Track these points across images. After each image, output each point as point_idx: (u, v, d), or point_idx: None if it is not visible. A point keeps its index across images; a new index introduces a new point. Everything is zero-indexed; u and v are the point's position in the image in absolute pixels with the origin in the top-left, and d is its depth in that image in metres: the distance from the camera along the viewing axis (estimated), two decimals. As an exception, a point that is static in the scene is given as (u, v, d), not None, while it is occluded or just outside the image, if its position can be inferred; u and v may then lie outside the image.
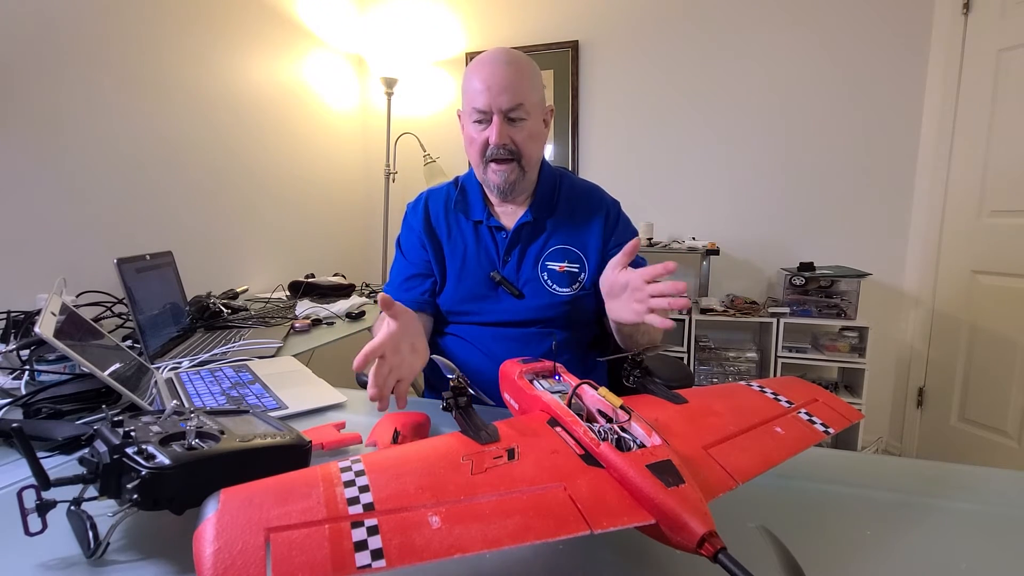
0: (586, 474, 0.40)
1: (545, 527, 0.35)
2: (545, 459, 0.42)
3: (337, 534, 0.31)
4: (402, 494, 0.35)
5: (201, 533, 0.30)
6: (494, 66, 0.91)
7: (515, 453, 0.42)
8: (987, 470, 0.59)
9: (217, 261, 1.91)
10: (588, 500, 0.38)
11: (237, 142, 1.98)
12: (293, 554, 0.30)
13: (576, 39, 2.44)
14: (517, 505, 0.36)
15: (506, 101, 0.89)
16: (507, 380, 0.60)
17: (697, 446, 0.46)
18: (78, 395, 0.75)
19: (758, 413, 0.54)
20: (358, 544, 0.31)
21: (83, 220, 1.44)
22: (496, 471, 0.39)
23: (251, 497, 0.33)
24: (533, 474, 0.39)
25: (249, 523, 0.31)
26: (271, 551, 0.29)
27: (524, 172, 0.96)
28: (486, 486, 0.37)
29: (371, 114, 2.77)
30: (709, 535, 0.35)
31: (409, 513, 0.34)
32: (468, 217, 1.02)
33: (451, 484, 0.37)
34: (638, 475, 0.39)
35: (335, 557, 0.30)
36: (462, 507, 0.35)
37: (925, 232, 2.10)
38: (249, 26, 2.01)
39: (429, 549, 0.32)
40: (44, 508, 0.41)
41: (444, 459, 0.40)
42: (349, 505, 0.33)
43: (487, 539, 0.33)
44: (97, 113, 1.47)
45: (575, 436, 0.45)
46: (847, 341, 2.03)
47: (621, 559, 0.43)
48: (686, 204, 2.40)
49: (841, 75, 2.15)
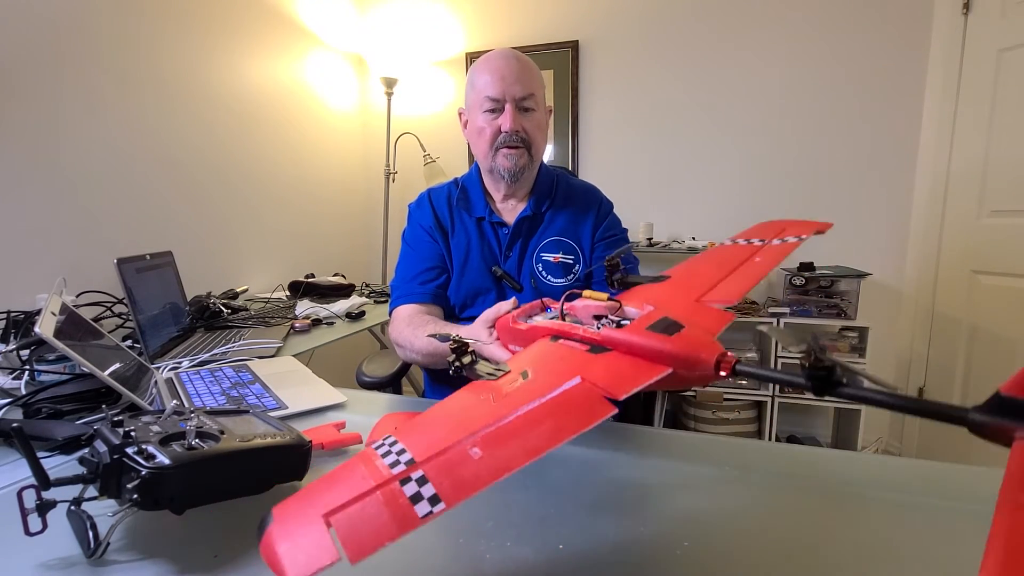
0: (597, 360, 0.42)
1: (576, 422, 0.35)
2: (557, 366, 0.43)
3: (390, 495, 0.31)
4: (437, 442, 0.35)
5: (268, 543, 0.30)
6: (505, 59, 0.96)
7: (528, 373, 0.43)
8: (987, 470, 0.59)
9: (217, 261, 1.91)
10: (606, 378, 0.39)
11: (237, 142, 1.98)
12: (357, 528, 0.30)
13: (576, 39, 2.44)
14: (544, 411, 0.37)
15: (519, 90, 0.95)
16: (506, 332, 0.61)
17: (690, 300, 0.49)
18: (78, 395, 0.75)
19: (736, 258, 0.57)
20: (413, 497, 0.31)
21: (83, 220, 1.44)
22: (516, 392, 0.40)
23: (300, 498, 0.33)
24: (551, 381, 0.40)
25: (306, 517, 0.31)
26: (336, 533, 0.29)
27: (532, 160, 1.00)
28: (511, 406, 0.38)
29: (371, 114, 2.77)
30: (721, 357, 0.38)
31: (450, 453, 0.34)
32: (470, 214, 1.05)
33: (478, 418, 0.37)
34: (642, 337, 0.41)
35: (396, 516, 0.30)
36: (495, 431, 0.35)
37: (925, 232, 2.10)
38: (249, 26, 2.01)
39: (480, 478, 0.32)
40: (44, 508, 0.41)
41: (466, 403, 0.41)
42: (392, 468, 0.34)
43: (527, 451, 0.33)
44: (97, 113, 1.47)
45: (577, 338, 0.46)
46: (847, 341, 2.03)
47: (621, 559, 0.43)
48: (686, 204, 2.40)
49: (841, 75, 2.15)
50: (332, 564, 0.28)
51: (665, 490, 0.54)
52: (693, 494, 0.53)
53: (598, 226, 1.04)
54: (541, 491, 0.53)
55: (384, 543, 0.29)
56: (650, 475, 0.58)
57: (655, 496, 0.53)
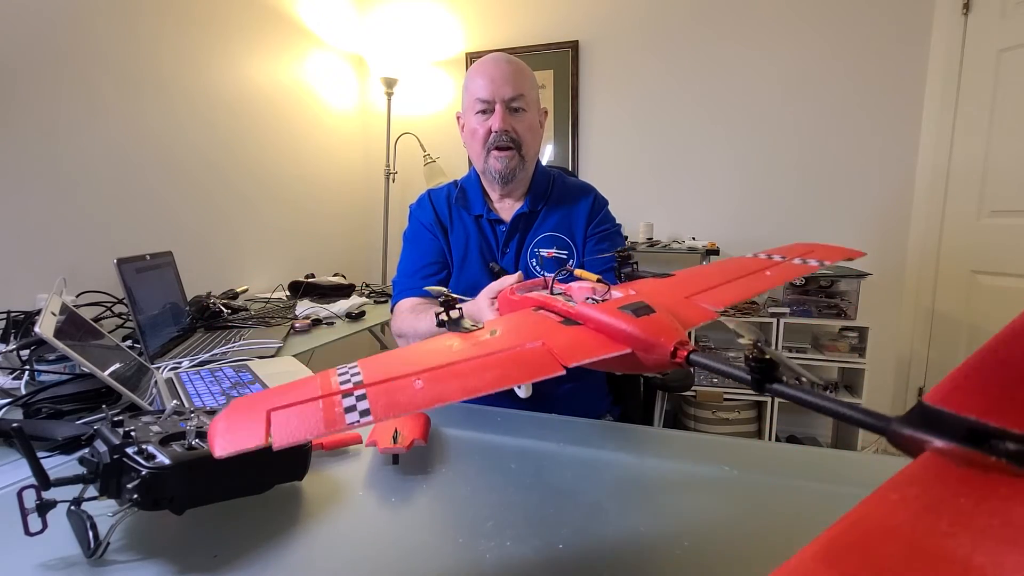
0: (564, 331, 0.43)
1: (520, 373, 0.37)
2: (526, 330, 0.44)
3: (329, 404, 0.34)
4: (390, 372, 0.37)
5: (213, 423, 0.34)
6: (495, 63, 0.98)
7: (496, 331, 0.44)
8: (987, 470, 0.59)
9: (217, 261, 1.91)
10: (563, 346, 0.40)
11: (237, 142, 1.98)
12: (290, 421, 0.33)
13: (576, 39, 2.43)
14: (495, 362, 0.38)
15: (508, 91, 0.96)
16: (505, 303, 0.63)
17: (679, 297, 0.49)
18: (78, 395, 0.75)
19: (747, 268, 0.56)
20: (347, 408, 0.34)
21: (83, 220, 1.44)
22: (478, 344, 0.42)
23: (258, 395, 0.37)
24: (512, 341, 0.42)
25: (253, 410, 0.34)
26: (271, 421, 0.33)
27: (523, 161, 1.02)
28: (467, 354, 0.39)
29: (371, 114, 2.77)
30: (680, 344, 0.38)
31: (396, 382, 0.36)
32: (469, 212, 1.07)
33: (434, 360, 0.39)
34: (609, 315, 0.41)
35: (327, 418, 0.33)
36: (444, 370, 0.37)
37: (925, 232, 2.10)
38: (249, 26, 2.01)
39: (413, 403, 0.34)
40: (44, 508, 0.41)
41: (431, 347, 0.43)
42: (341, 384, 0.36)
43: (466, 389, 0.35)
44: (97, 113, 1.47)
45: (555, 311, 0.47)
46: (847, 341, 2.03)
47: (621, 559, 0.43)
48: (686, 204, 2.40)
49: (841, 75, 2.15)
50: (256, 447, 0.31)
51: (665, 490, 0.54)
52: (693, 494, 0.53)
53: (591, 221, 1.06)
54: (541, 491, 0.53)
55: (305, 437, 0.32)
56: (650, 475, 0.58)
57: (655, 496, 0.53)
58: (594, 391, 1.09)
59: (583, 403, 1.04)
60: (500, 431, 0.69)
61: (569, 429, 0.70)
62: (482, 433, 0.68)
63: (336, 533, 0.46)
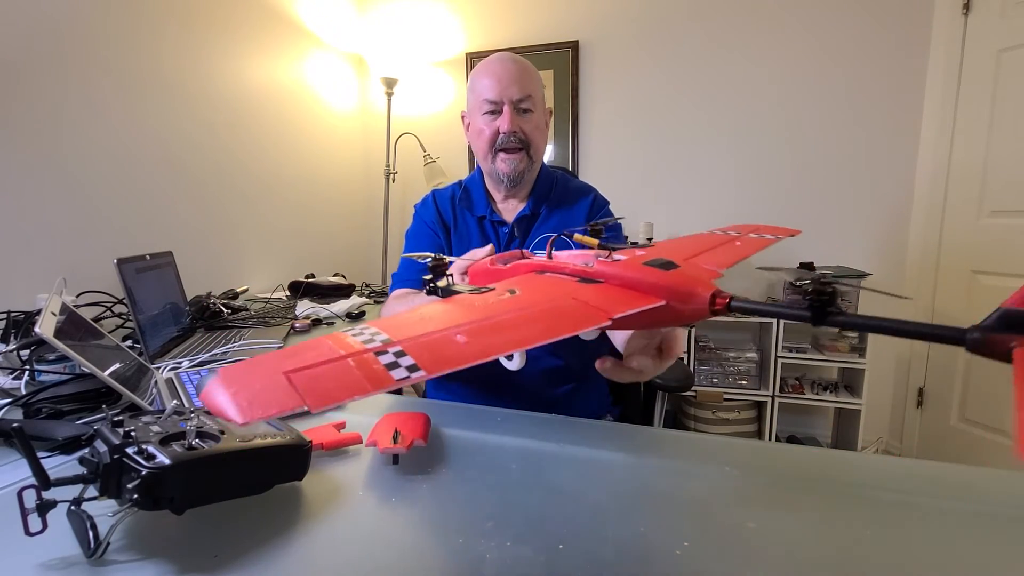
0: (588, 288, 0.41)
1: (568, 325, 0.34)
2: (546, 289, 0.42)
3: (363, 361, 0.28)
4: (418, 330, 0.32)
5: (209, 392, 0.26)
6: (503, 63, 0.98)
7: (517, 291, 0.41)
8: (987, 470, 0.59)
9: (217, 261, 1.91)
10: (600, 301, 0.38)
11: (237, 142, 1.98)
12: (321, 382, 0.26)
13: (576, 39, 2.44)
14: (536, 315, 0.36)
15: (516, 92, 0.97)
16: (482, 276, 0.58)
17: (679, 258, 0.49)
18: (78, 395, 0.75)
19: (717, 240, 0.60)
20: (389, 364, 0.28)
21: (83, 220, 1.44)
22: (504, 301, 0.39)
23: (252, 362, 0.29)
24: (539, 298, 0.39)
25: (260, 373, 0.27)
26: (296, 383, 0.26)
27: (531, 162, 1.02)
28: (499, 310, 0.36)
29: (371, 114, 2.77)
30: (717, 293, 0.38)
31: (432, 336, 0.31)
32: (472, 213, 1.08)
33: (463, 316, 0.35)
34: (638, 271, 0.41)
35: (369, 376, 0.27)
36: (485, 324, 0.33)
37: (925, 232, 2.10)
38: (249, 26, 2.01)
39: (462, 356, 0.30)
40: (44, 508, 0.41)
41: (446, 307, 0.38)
42: (365, 344, 0.30)
43: (517, 341, 0.32)
44: (97, 113, 1.47)
45: (568, 272, 0.45)
46: (847, 341, 2.03)
47: (621, 559, 0.43)
48: (686, 204, 2.40)
49: (841, 75, 2.15)
50: (293, 410, 0.25)
51: (665, 490, 0.54)
52: (693, 494, 0.53)
53: (590, 218, 1.07)
54: (541, 491, 0.53)
55: (349, 396, 0.26)
56: (650, 475, 0.58)
57: (655, 496, 0.53)
58: (594, 391, 1.09)
59: (583, 403, 1.04)
60: (500, 431, 0.69)
61: (569, 429, 0.70)
62: (482, 433, 0.68)
63: (336, 533, 0.46)
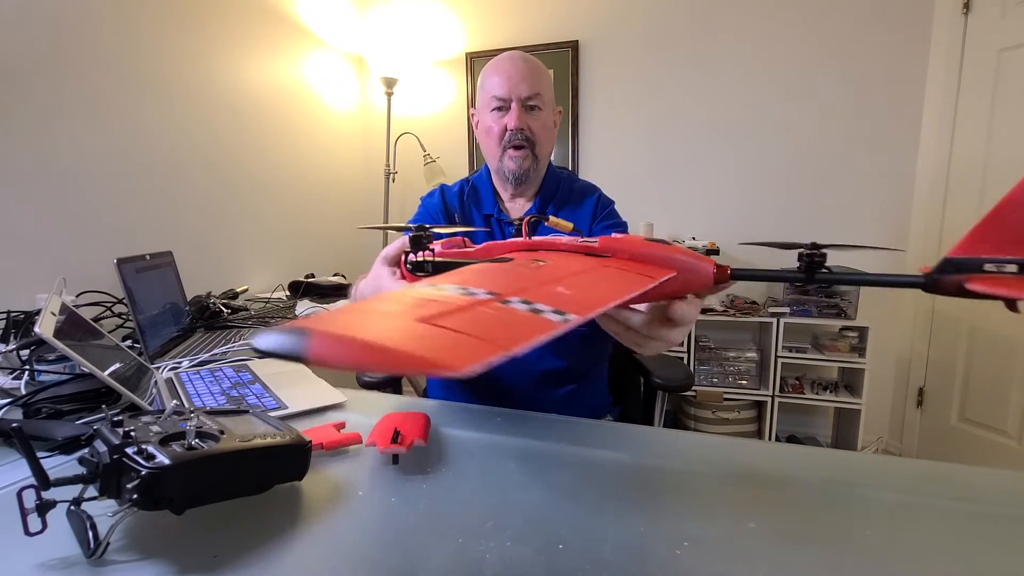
0: (603, 261, 0.42)
1: (632, 285, 0.35)
2: (570, 261, 0.40)
3: (498, 310, 0.22)
4: (519, 284, 0.27)
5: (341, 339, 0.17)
6: (512, 61, 0.98)
7: (545, 262, 0.39)
8: (987, 470, 0.59)
9: (217, 261, 1.91)
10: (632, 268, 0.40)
11: (237, 142, 1.98)
12: (491, 328, 0.20)
13: (576, 39, 2.43)
14: (602, 277, 0.35)
15: (524, 90, 0.97)
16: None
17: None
18: (78, 395, 0.75)
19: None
20: (534, 311, 0.22)
21: (83, 220, 1.44)
22: (555, 266, 0.37)
23: (354, 311, 0.21)
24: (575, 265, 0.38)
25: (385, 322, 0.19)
26: (461, 331, 0.19)
27: (537, 161, 1.02)
28: (561, 272, 0.34)
29: (371, 114, 2.77)
30: (719, 265, 0.41)
31: (537, 289, 0.26)
32: (480, 210, 1.08)
33: (535, 274, 0.31)
34: (645, 246, 0.42)
35: (533, 322, 0.21)
36: (571, 280, 0.31)
37: (925, 232, 2.10)
38: (249, 26, 2.01)
39: (602, 298, 0.27)
40: (44, 508, 0.41)
41: (497, 268, 0.34)
42: (471, 296, 0.24)
43: (620, 292, 0.31)
44: (97, 113, 1.47)
45: (569, 248, 0.45)
46: (847, 341, 2.03)
47: (621, 559, 0.43)
48: (686, 204, 2.40)
49: (841, 75, 2.15)
50: (494, 358, 0.17)
51: (665, 490, 0.54)
52: (693, 494, 0.53)
53: (596, 217, 1.07)
54: (541, 491, 0.53)
55: (533, 338, 0.19)
56: (650, 475, 0.58)
57: (655, 496, 0.53)
58: (594, 391, 1.09)
59: (583, 403, 1.04)
60: (500, 431, 0.69)
61: (569, 429, 0.70)
62: (482, 433, 0.68)
63: (336, 533, 0.46)
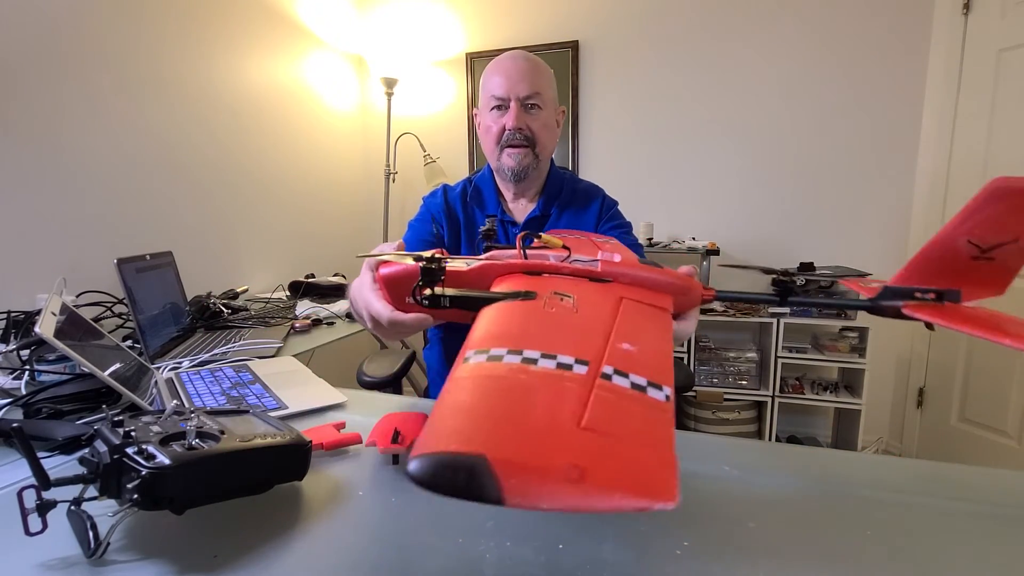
0: (610, 288, 0.44)
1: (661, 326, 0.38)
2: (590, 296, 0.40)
3: (615, 392, 0.22)
4: (573, 345, 0.27)
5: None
6: (513, 60, 0.98)
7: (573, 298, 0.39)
8: (987, 470, 0.59)
9: (217, 261, 1.91)
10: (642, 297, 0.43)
11: (237, 142, 1.98)
12: (627, 423, 0.19)
13: (576, 39, 2.43)
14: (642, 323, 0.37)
15: (524, 89, 0.96)
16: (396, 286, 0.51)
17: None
18: (78, 395, 0.75)
19: None
20: (635, 386, 0.22)
21: (83, 220, 1.44)
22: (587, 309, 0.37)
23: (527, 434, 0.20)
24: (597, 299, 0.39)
25: (552, 440, 0.19)
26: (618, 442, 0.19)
27: (537, 160, 1.01)
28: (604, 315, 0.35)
29: (371, 114, 2.77)
30: (706, 288, 0.47)
31: (615, 353, 0.27)
32: (483, 211, 1.07)
33: (582, 325, 0.32)
34: (643, 269, 0.46)
35: (647, 406, 0.20)
36: (624, 330, 0.31)
37: (925, 232, 2.10)
38: (249, 26, 2.01)
39: (663, 353, 0.29)
40: (44, 508, 0.41)
41: (541, 314, 0.34)
42: (566, 370, 0.24)
43: (666, 343, 0.34)
44: (97, 113, 1.47)
45: (571, 272, 0.46)
46: (847, 341, 2.03)
47: (621, 559, 0.43)
48: (686, 204, 2.40)
49: (841, 75, 2.15)
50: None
51: (665, 490, 0.54)
52: (693, 494, 0.53)
53: (601, 218, 1.06)
54: (541, 491, 0.53)
55: (670, 430, 0.19)
56: (650, 475, 0.58)
57: (655, 496, 0.53)
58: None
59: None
60: (500, 431, 0.69)
61: (569, 429, 0.69)
62: (482, 433, 0.68)
63: (336, 533, 0.46)
